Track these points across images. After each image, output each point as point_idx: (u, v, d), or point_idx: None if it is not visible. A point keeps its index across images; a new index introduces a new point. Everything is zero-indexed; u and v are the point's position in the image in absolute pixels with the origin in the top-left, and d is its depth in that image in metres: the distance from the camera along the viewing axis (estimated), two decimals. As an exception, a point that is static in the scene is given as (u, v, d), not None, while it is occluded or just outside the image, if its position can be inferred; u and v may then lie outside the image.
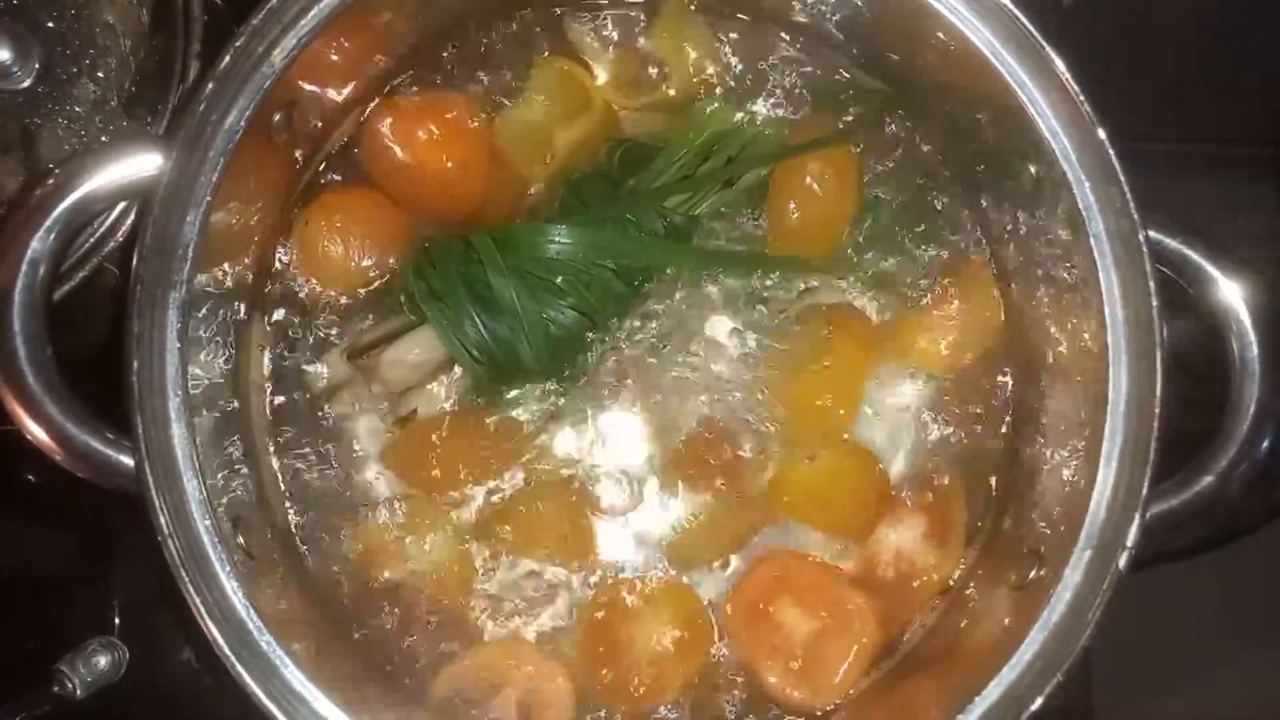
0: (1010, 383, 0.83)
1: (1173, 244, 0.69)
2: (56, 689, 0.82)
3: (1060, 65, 0.68)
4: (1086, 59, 0.69)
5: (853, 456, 0.81)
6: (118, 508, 0.70)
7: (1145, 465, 0.66)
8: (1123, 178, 0.67)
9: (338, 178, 0.84)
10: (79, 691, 0.83)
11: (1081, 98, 0.68)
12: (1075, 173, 0.69)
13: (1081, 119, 0.68)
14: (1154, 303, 0.67)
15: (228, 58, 0.66)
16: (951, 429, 0.82)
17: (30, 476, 0.92)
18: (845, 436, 0.82)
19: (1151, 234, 0.67)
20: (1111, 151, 0.67)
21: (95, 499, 0.71)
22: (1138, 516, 0.66)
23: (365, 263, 0.82)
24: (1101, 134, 0.67)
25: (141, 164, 0.66)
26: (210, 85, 0.66)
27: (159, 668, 0.90)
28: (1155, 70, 0.90)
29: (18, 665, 0.86)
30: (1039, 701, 0.65)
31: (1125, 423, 0.67)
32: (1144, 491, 0.66)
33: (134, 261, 0.65)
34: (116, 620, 0.90)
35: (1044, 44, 0.68)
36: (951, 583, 0.81)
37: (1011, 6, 0.69)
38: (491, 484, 0.81)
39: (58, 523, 0.96)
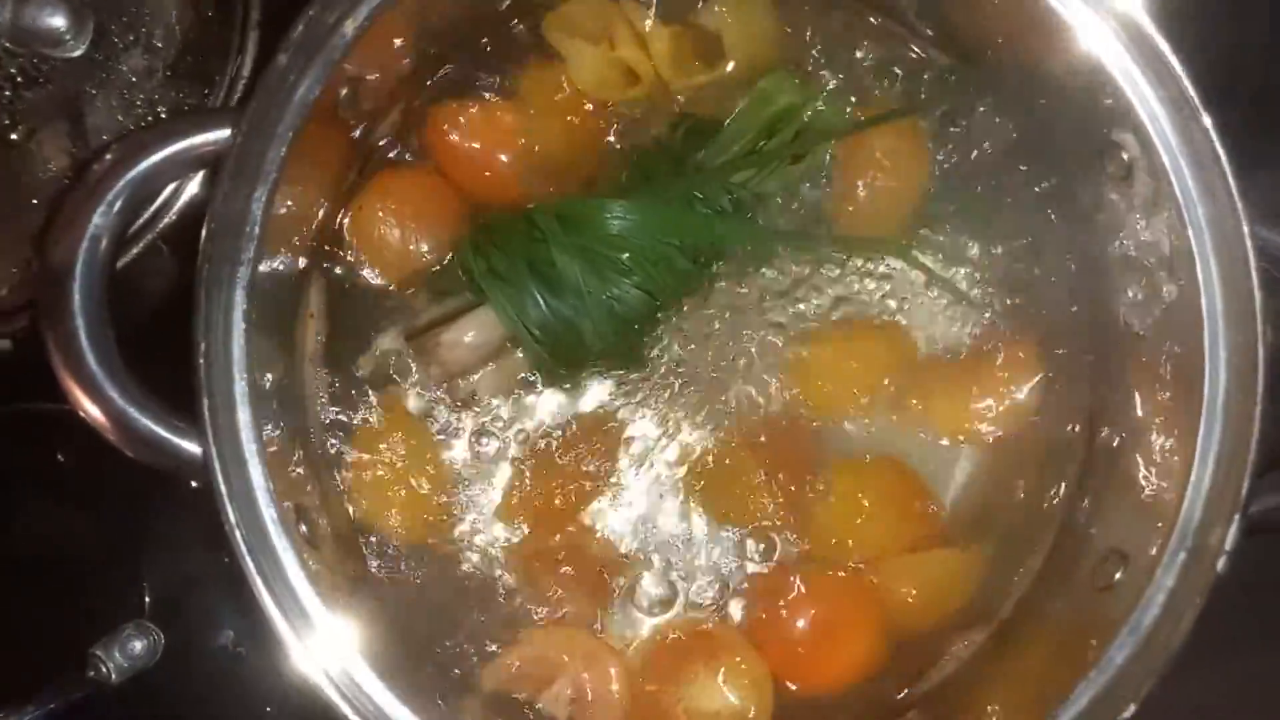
0: (1090, 380, 0.80)
1: (1276, 238, 0.67)
2: (92, 673, 0.81)
3: (1163, 44, 0.65)
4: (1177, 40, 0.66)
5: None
6: (150, 488, 0.68)
7: (1245, 466, 0.64)
8: (1227, 165, 0.65)
9: (393, 158, 0.81)
10: (114, 676, 0.81)
11: (1185, 81, 0.65)
12: (1174, 160, 0.66)
13: (1185, 103, 0.65)
14: (1257, 298, 0.65)
15: (301, 26, 0.63)
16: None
17: (60, 457, 0.89)
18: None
19: (1255, 227, 0.65)
20: (1215, 138, 0.65)
21: (129, 479, 0.70)
22: (1237, 519, 0.64)
23: (421, 247, 0.79)
24: (1207, 120, 0.65)
25: (209, 137, 0.64)
26: (283, 56, 0.63)
27: (195, 652, 0.88)
28: (1259, 54, 0.87)
29: (52, 649, 0.84)
30: (1133, 708, 0.64)
31: (1223, 422, 0.65)
32: (1243, 493, 0.64)
33: (202, 239, 0.62)
34: (148, 603, 0.88)
35: (1144, 21, 0.66)
36: (1017, 576, 0.79)
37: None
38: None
39: (90, 504, 0.94)
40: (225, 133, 0.63)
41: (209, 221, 0.62)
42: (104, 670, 0.81)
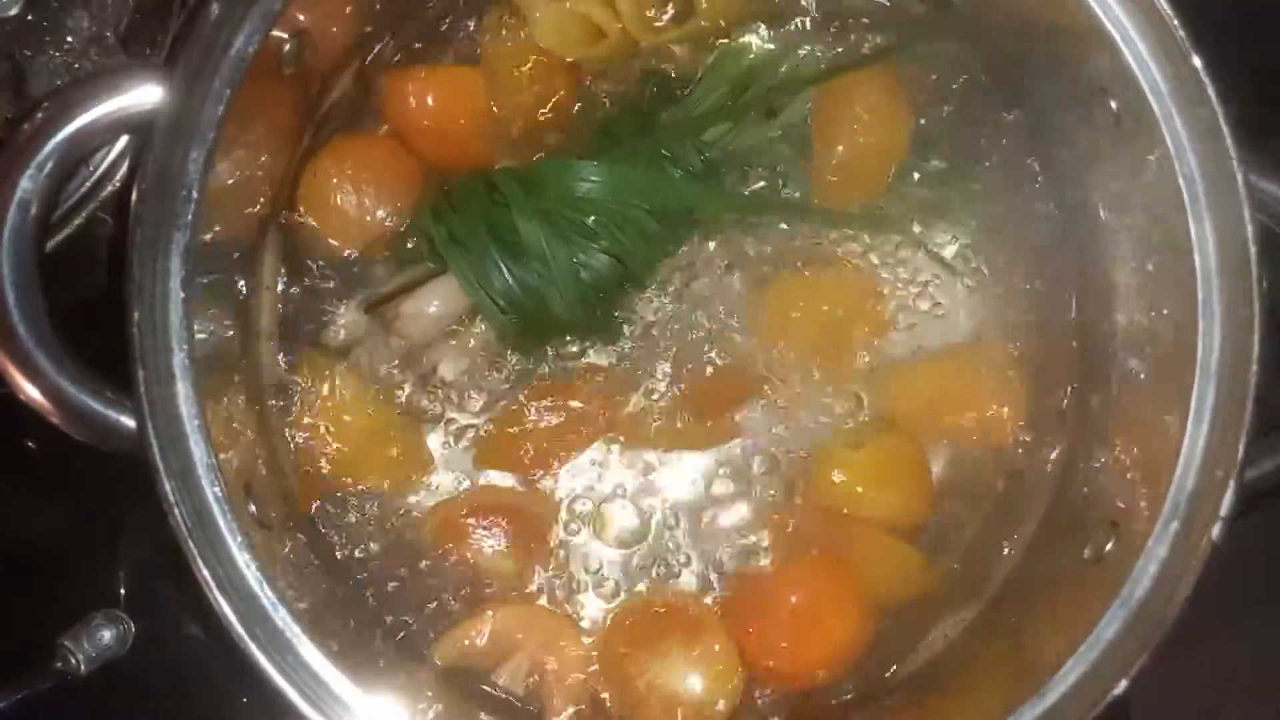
0: (1078, 344, 0.77)
1: (1273, 189, 0.63)
2: (60, 664, 0.78)
3: (1151, -16, 0.62)
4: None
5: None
6: (122, 476, 0.66)
7: (1240, 427, 0.61)
8: (1220, 113, 0.61)
9: (349, 121, 0.78)
10: (83, 666, 0.79)
11: (1175, 22, 0.62)
12: (1164, 106, 0.63)
13: (1174, 46, 0.62)
14: (1252, 250, 0.61)
15: (235, -26, 0.60)
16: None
17: (30, 443, 0.87)
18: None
19: (1251, 178, 0.61)
20: (1208, 83, 0.61)
21: (98, 466, 0.67)
22: (1233, 483, 0.61)
23: (380, 213, 0.76)
24: (1197, 62, 0.61)
25: (140, 95, 0.60)
26: (216, 5, 0.60)
27: (166, 641, 0.86)
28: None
29: (19, 640, 0.82)
30: (1123, 685, 0.60)
31: (1217, 382, 0.62)
32: (1240, 455, 0.61)
33: (133, 201, 0.59)
34: (121, 593, 0.86)
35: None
36: (1005, 552, 0.76)
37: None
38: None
39: (59, 492, 0.91)
40: (159, 90, 0.60)
41: (140, 182, 0.59)
42: (73, 660, 0.79)
